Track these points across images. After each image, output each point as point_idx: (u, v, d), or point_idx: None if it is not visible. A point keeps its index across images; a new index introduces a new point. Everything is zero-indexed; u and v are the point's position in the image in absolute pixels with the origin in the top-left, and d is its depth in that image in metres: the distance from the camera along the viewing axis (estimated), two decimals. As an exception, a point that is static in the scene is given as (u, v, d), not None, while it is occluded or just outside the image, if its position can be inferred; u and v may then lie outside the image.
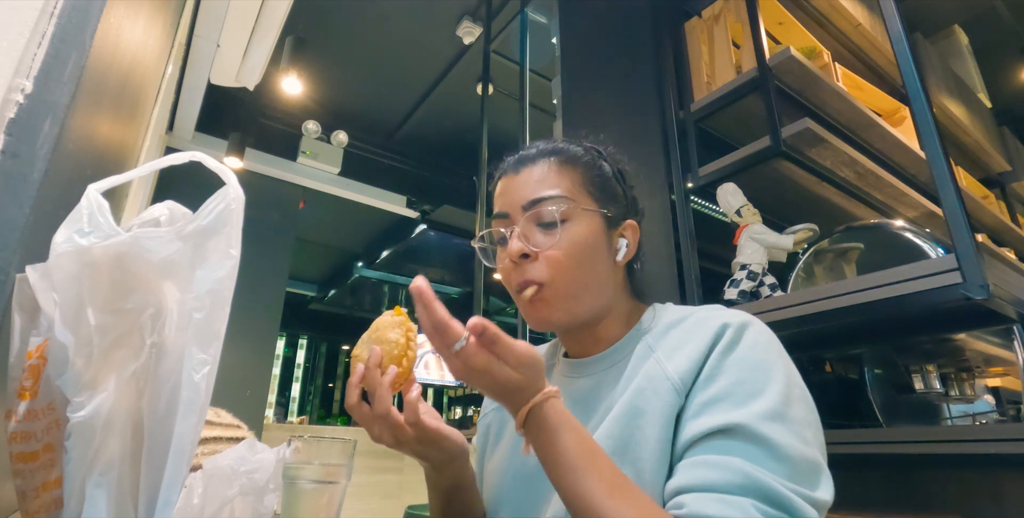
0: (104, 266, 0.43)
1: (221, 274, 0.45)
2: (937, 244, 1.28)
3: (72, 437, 0.40)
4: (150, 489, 0.41)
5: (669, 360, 0.59)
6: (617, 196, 0.69)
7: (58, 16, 0.48)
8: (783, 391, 0.53)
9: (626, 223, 0.68)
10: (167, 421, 0.42)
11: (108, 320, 0.43)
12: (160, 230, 0.45)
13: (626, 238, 0.67)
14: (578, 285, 0.63)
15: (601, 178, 0.68)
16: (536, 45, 2.84)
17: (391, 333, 0.59)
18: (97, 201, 0.46)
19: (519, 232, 0.63)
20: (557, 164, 0.66)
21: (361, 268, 6.32)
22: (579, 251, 0.62)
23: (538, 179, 0.65)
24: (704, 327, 0.59)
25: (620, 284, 0.69)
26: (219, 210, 0.46)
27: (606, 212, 0.66)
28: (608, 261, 0.65)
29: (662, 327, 0.65)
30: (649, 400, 0.57)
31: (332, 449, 0.58)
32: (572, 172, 0.66)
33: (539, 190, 0.64)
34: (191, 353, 0.42)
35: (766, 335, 0.59)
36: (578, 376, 0.68)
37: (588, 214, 0.64)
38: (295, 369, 7.35)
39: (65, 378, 0.41)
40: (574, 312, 0.63)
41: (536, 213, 0.63)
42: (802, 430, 0.51)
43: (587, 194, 0.66)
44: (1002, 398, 1.88)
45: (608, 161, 0.71)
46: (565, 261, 0.62)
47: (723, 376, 0.55)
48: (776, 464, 0.48)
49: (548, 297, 0.62)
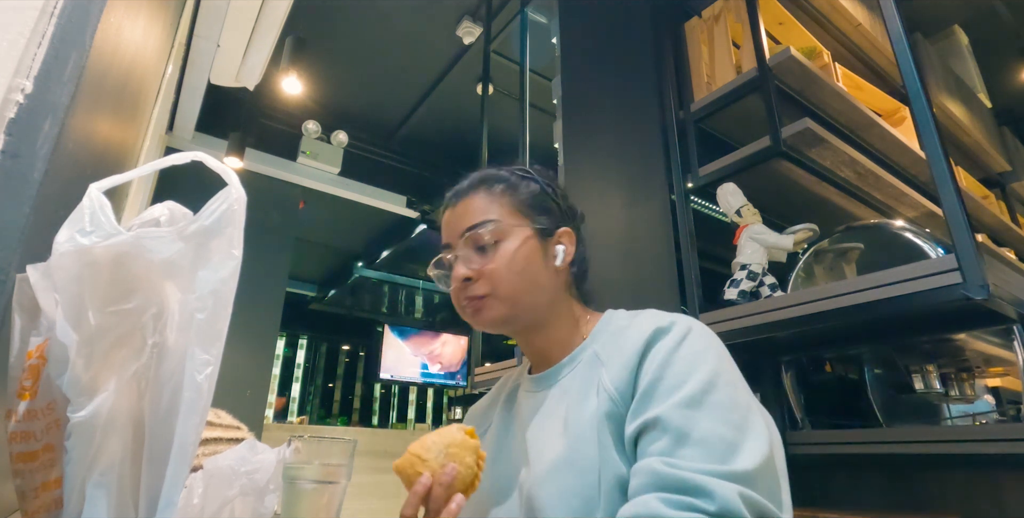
0: (105, 266, 0.43)
1: (223, 275, 0.45)
2: (937, 244, 1.28)
3: (72, 437, 0.40)
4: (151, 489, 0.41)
5: (607, 370, 0.64)
6: (548, 209, 0.74)
7: (58, 16, 0.48)
8: (706, 379, 0.57)
9: (560, 231, 0.74)
10: (168, 421, 0.42)
11: (109, 320, 0.43)
12: (162, 230, 0.45)
13: (563, 244, 0.73)
14: (517, 290, 0.69)
15: (530, 196, 0.74)
16: (536, 45, 2.84)
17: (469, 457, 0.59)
18: (99, 200, 0.46)
19: (460, 257, 0.71)
20: (485, 191, 0.73)
21: (361, 268, 6.32)
22: (514, 262, 0.69)
23: (471, 208, 0.72)
24: (637, 332, 0.64)
25: (562, 287, 0.74)
26: (222, 210, 0.46)
27: (537, 225, 0.72)
28: (546, 267, 0.71)
29: (609, 335, 0.70)
30: (594, 416, 0.62)
31: (332, 449, 0.58)
32: (501, 196, 0.73)
33: (472, 218, 0.71)
34: (194, 354, 0.42)
35: (695, 331, 0.63)
36: (537, 390, 0.73)
37: (519, 230, 0.71)
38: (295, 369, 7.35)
39: (66, 378, 0.41)
40: (515, 313, 0.70)
41: (472, 239, 0.70)
42: (722, 413, 0.54)
43: (517, 213, 0.72)
44: (1002, 398, 1.88)
45: (537, 179, 0.76)
46: (502, 273, 0.68)
47: (649, 376, 0.59)
48: (686, 449, 0.52)
49: (491, 302, 0.69)
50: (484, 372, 2.03)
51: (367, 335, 7.51)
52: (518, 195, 0.74)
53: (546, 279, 0.71)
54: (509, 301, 0.69)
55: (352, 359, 7.84)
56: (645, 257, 1.68)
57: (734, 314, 1.36)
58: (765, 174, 1.59)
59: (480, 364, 2.16)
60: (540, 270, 0.71)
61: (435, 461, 0.58)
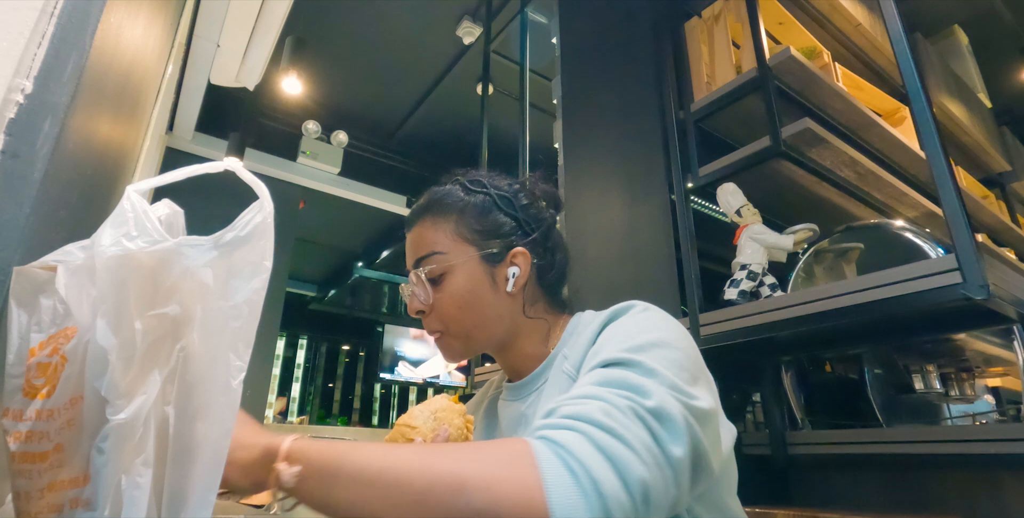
0: (148, 271, 0.45)
1: (256, 285, 0.46)
2: (937, 244, 1.28)
3: (111, 438, 0.41)
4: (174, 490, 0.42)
5: (569, 358, 0.65)
6: (498, 228, 0.71)
7: (58, 16, 0.48)
8: (653, 340, 0.53)
9: (512, 252, 0.71)
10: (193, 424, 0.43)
11: (149, 324, 0.44)
12: (201, 239, 0.47)
13: (516, 265, 0.70)
14: (468, 325, 0.68)
15: (477, 217, 0.71)
16: (536, 45, 2.84)
17: (458, 418, 0.60)
18: (141, 204, 0.47)
19: (412, 291, 0.71)
20: (431, 220, 0.71)
21: (361, 268, 6.31)
22: (460, 300, 0.68)
23: (417, 240, 0.71)
24: (595, 320, 0.64)
25: (519, 310, 0.71)
26: (256, 222, 0.47)
27: (485, 251, 0.69)
28: (496, 296, 0.69)
29: (576, 336, 0.69)
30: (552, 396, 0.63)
31: (332, 449, 0.58)
32: (444, 224, 0.70)
33: (419, 251, 0.70)
34: (229, 360, 0.43)
35: (652, 311, 0.61)
36: (513, 400, 0.73)
37: (464, 261, 0.68)
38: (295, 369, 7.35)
39: (105, 380, 0.41)
40: (472, 347, 0.71)
41: (420, 273, 0.69)
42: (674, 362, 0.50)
43: (462, 241, 0.69)
44: (1002, 398, 1.88)
45: (487, 193, 0.73)
46: (450, 311, 0.68)
47: (599, 343, 0.58)
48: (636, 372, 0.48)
49: (448, 341, 0.70)
50: (484, 372, 2.03)
51: (367, 335, 7.51)
52: (464, 219, 0.71)
53: (498, 307, 0.69)
54: (462, 337, 0.69)
55: (352, 359, 7.84)
56: (645, 257, 1.68)
57: (734, 314, 1.36)
58: (765, 174, 1.59)
59: (480, 364, 2.16)
60: (489, 301, 0.69)
61: (425, 426, 0.58)
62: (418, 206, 0.75)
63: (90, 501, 0.42)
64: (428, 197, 0.74)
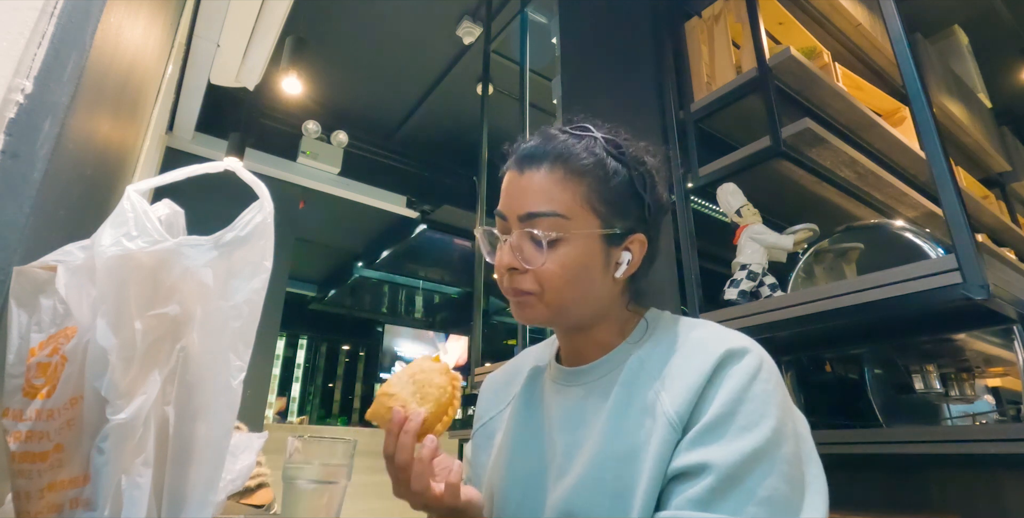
0: (148, 271, 0.45)
1: (256, 285, 0.46)
2: (937, 244, 1.28)
3: (110, 438, 0.41)
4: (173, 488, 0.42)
5: (667, 390, 0.58)
6: (627, 209, 0.64)
7: (58, 16, 0.48)
8: (775, 427, 0.53)
9: (633, 237, 0.64)
10: (193, 423, 0.43)
11: (149, 324, 0.44)
12: (201, 239, 0.46)
13: (631, 252, 0.64)
14: (567, 299, 0.62)
15: (611, 191, 0.62)
16: (536, 45, 2.84)
17: (438, 377, 0.56)
18: (141, 205, 0.47)
19: (512, 243, 0.62)
20: (562, 173, 0.62)
21: (361, 268, 6.32)
22: (570, 272, 0.61)
23: (538, 189, 0.62)
24: (702, 352, 0.58)
25: (617, 295, 0.67)
26: (256, 222, 0.47)
27: (608, 229, 0.62)
28: (604, 278, 0.63)
29: (654, 343, 0.64)
30: (647, 439, 0.56)
31: (332, 449, 0.58)
32: (576, 185, 0.61)
33: (537, 203, 0.61)
34: (229, 360, 0.44)
35: (767, 366, 0.58)
36: (568, 384, 0.68)
37: (585, 233, 0.61)
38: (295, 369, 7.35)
39: (105, 380, 0.41)
40: (557, 321, 0.65)
41: (530, 227, 0.61)
42: (786, 469, 0.52)
43: (590, 211, 0.61)
44: (1002, 398, 1.87)
45: (628, 164, 0.64)
46: (555, 280, 0.61)
47: (717, 409, 0.54)
48: (751, 509, 0.49)
49: (535, 303, 0.63)
50: (484, 372, 2.03)
51: (367, 335, 7.52)
52: (598, 186, 0.62)
53: (600, 289, 0.64)
54: (554, 307, 0.62)
55: (352, 359, 7.84)
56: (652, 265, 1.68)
57: (734, 314, 1.36)
58: (765, 174, 1.59)
59: (480, 364, 2.16)
60: (596, 280, 0.63)
61: (404, 392, 0.55)
62: (548, 148, 0.63)
63: (90, 501, 0.41)
64: (558, 143, 0.64)
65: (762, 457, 0.51)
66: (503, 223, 0.64)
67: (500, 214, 0.65)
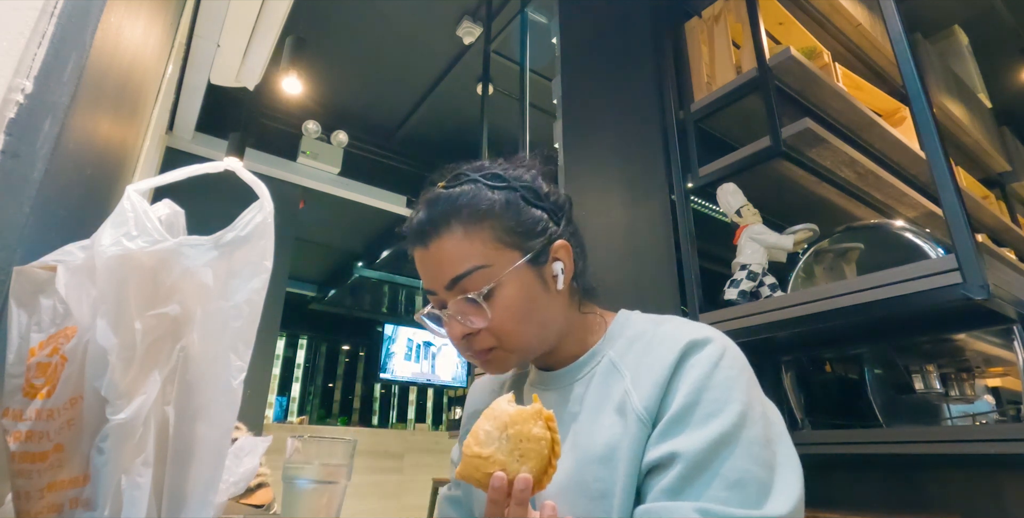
0: (148, 270, 0.45)
1: (256, 285, 0.46)
2: (937, 244, 1.28)
3: (110, 438, 0.41)
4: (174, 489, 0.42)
5: (635, 387, 0.59)
6: (536, 224, 0.63)
7: (58, 16, 0.48)
8: (740, 411, 0.53)
9: (554, 246, 0.64)
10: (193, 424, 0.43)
11: (148, 324, 0.44)
12: (201, 238, 0.46)
13: (560, 260, 0.64)
14: (529, 335, 0.62)
15: (512, 217, 0.62)
16: (536, 45, 2.84)
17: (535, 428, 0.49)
18: (141, 204, 0.47)
19: (452, 314, 0.61)
20: (462, 229, 0.61)
21: (361, 268, 6.32)
22: (519, 311, 0.60)
23: (448, 254, 0.61)
24: (666, 346, 0.59)
25: (572, 306, 0.67)
26: (256, 222, 0.47)
27: (529, 253, 0.62)
28: (550, 297, 0.63)
29: (625, 341, 0.65)
30: (622, 438, 0.57)
31: (332, 449, 0.58)
32: (479, 231, 0.61)
33: (454, 267, 0.60)
34: (229, 360, 0.44)
35: (731, 353, 0.59)
36: (546, 389, 0.69)
37: (513, 272, 0.60)
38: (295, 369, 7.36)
39: (105, 380, 0.41)
40: (528, 357, 0.65)
41: (460, 291, 0.60)
42: (756, 450, 0.52)
43: (504, 247, 0.61)
44: (1002, 398, 1.87)
45: (514, 185, 0.64)
46: (508, 325, 0.60)
47: (682, 399, 0.55)
48: (721, 492, 0.49)
49: (501, 355, 0.63)
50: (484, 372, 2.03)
51: (367, 335, 7.52)
52: (500, 222, 0.61)
53: (553, 309, 0.64)
54: (520, 350, 0.62)
55: (352, 359, 7.84)
56: (645, 257, 1.68)
57: (734, 314, 1.36)
58: (765, 174, 1.59)
59: (480, 364, 2.16)
60: (544, 304, 0.62)
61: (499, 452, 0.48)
62: (432, 215, 0.62)
63: (90, 501, 0.41)
64: (443, 202, 0.63)
65: (729, 441, 0.52)
66: (436, 298, 0.64)
67: (429, 291, 0.64)
